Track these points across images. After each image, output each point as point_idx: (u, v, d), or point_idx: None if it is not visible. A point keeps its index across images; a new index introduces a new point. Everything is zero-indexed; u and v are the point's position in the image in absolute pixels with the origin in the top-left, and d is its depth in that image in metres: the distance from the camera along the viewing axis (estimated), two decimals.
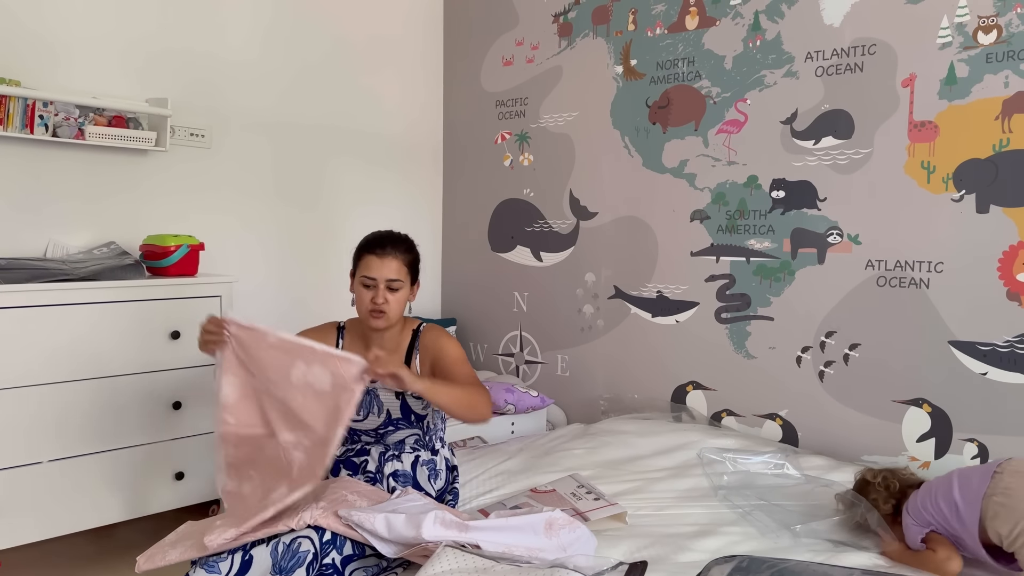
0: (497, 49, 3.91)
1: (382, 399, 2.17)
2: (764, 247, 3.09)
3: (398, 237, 2.21)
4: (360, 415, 2.16)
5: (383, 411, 2.16)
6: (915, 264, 2.75)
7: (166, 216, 3.13)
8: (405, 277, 2.16)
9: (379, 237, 2.19)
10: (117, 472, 2.64)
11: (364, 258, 2.16)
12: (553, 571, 1.53)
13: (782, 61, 3.02)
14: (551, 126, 3.73)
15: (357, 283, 2.17)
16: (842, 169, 2.89)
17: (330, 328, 2.30)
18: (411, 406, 2.18)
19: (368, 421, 2.17)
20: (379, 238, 2.18)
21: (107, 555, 2.82)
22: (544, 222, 3.77)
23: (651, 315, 3.43)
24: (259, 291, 3.44)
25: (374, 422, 2.17)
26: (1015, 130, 2.55)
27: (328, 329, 2.29)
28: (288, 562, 1.74)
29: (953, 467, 2.67)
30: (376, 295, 2.12)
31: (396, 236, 2.21)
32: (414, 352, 2.24)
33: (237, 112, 3.34)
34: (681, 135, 3.29)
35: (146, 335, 2.69)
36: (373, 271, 2.12)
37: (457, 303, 4.14)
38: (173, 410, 2.76)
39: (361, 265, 2.16)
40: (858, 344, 2.88)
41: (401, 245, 2.18)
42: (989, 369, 2.62)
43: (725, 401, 3.23)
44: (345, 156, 3.74)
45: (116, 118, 2.90)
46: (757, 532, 2.08)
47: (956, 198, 2.66)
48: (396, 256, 2.15)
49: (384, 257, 2.13)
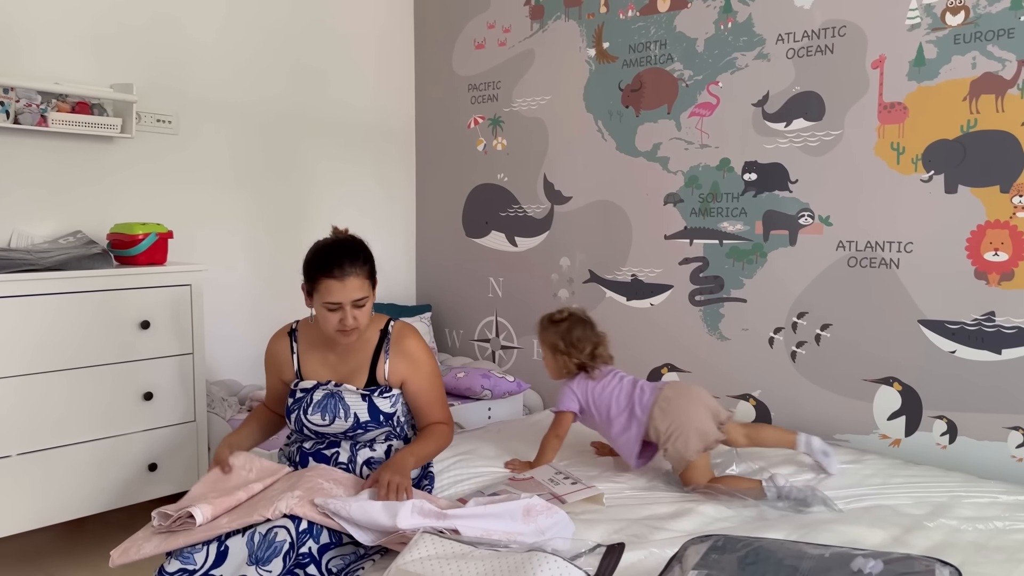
0: (469, 32, 3.88)
1: (348, 402, 2.07)
2: (737, 229, 3.10)
3: (352, 249, 2.02)
4: (325, 420, 2.07)
5: (350, 415, 2.06)
6: (885, 245, 2.78)
7: (134, 204, 3.08)
8: (369, 289, 2.03)
9: (334, 257, 1.98)
10: (89, 465, 2.61)
11: (322, 282, 1.97)
12: (532, 554, 1.54)
13: (753, 43, 3.02)
14: (524, 110, 3.71)
15: (318, 305, 2.00)
16: (813, 151, 2.91)
17: (283, 337, 2.20)
18: (379, 407, 2.09)
19: (335, 425, 2.07)
20: (335, 259, 1.98)
21: (79, 548, 2.79)
22: (518, 207, 3.76)
23: (626, 299, 3.44)
24: (230, 279, 3.41)
25: (341, 426, 2.07)
26: (983, 111, 2.58)
27: (281, 339, 2.20)
28: (265, 552, 1.72)
29: (924, 445, 2.72)
30: (344, 318, 1.98)
31: (350, 249, 2.02)
32: (382, 354, 2.13)
33: (205, 98, 3.29)
34: (654, 118, 3.30)
35: (115, 325, 2.65)
36: (336, 296, 1.96)
37: (432, 289, 4.12)
38: (144, 401, 2.72)
39: (320, 290, 1.98)
40: (829, 324, 2.91)
41: (358, 258, 2.00)
42: (958, 347, 2.66)
43: (700, 382, 3.23)
44: (317, 142, 3.70)
45: (80, 104, 2.84)
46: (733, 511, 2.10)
47: (925, 179, 2.69)
48: (356, 274, 1.98)
49: (345, 279, 1.96)
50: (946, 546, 1.89)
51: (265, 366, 2.26)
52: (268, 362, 2.24)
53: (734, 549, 1.57)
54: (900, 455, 2.72)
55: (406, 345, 2.16)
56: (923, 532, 1.98)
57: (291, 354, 2.17)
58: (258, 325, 3.38)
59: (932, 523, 2.03)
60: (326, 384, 2.12)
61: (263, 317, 3.40)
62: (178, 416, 2.83)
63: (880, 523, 2.02)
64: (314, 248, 2.07)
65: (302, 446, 2.15)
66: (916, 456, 2.70)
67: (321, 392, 2.10)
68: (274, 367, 2.22)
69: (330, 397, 2.08)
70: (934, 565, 1.50)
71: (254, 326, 3.41)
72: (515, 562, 1.54)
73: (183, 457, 2.85)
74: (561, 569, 1.50)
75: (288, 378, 2.18)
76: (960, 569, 1.52)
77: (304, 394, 2.11)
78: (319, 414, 2.07)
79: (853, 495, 2.23)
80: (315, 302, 2.03)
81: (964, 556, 1.82)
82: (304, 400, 2.10)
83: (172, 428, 2.81)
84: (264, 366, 2.27)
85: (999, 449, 2.60)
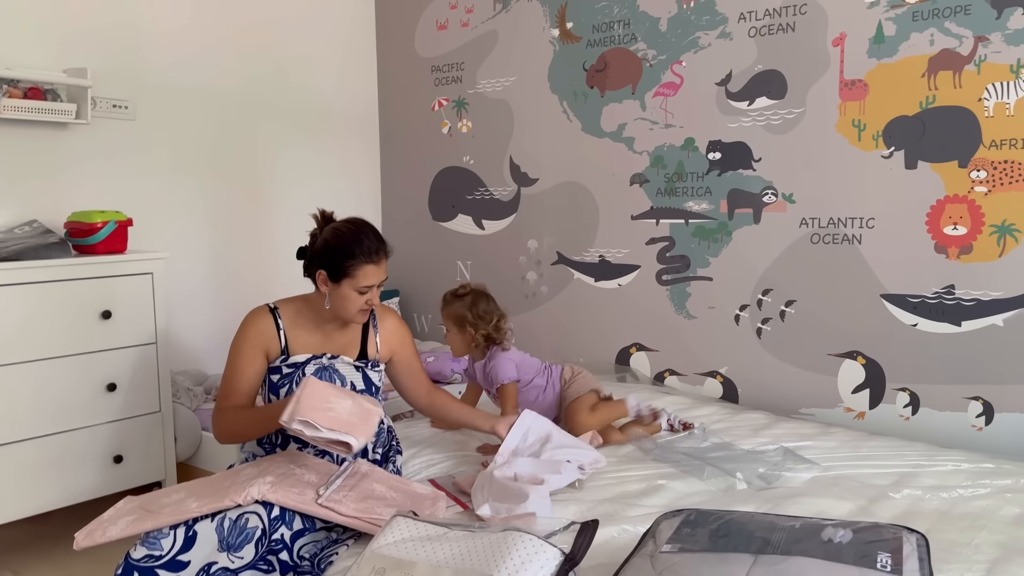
0: (431, 13, 3.84)
1: (343, 373, 2.12)
2: (702, 208, 3.12)
3: (379, 233, 2.12)
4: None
5: (346, 384, 2.11)
6: (847, 221, 2.82)
7: (91, 192, 3.01)
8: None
9: (370, 243, 2.06)
10: (52, 458, 2.56)
11: (361, 268, 2.04)
12: (506, 534, 1.54)
13: (716, 22, 3.03)
14: (488, 92, 3.69)
15: (347, 289, 2.05)
16: (776, 129, 2.93)
17: (265, 314, 2.13)
18: (371, 379, 2.17)
19: None
20: (371, 244, 2.06)
21: (44, 543, 2.74)
22: (485, 190, 3.75)
23: (594, 280, 3.45)
24: (192, 266, 3.35)
25: None
26: (941, 87, 2.61)
27: (264, 316, 2.13)
28: (236, 538, 1.70)
29: (888, 417, 2.78)
30: (372, 297, 2.07)
31: (377, 233, 2.11)
32: (371, 329, 2.21)
33: (162, 82, 3.21)
34: (619, 99, 3.29)
35: (75, 316, 2.59)
36: (372, 279, 2.05)
37: (400, 274, 4.09)
38: (108, 392, 2.67)
39: (359, 275, 2.04)
40: (794, 301, 2.95)
41: (384, 242, 2.11)
42: (919, 320, 2.71)
43: (668, 361, 3.28)
44: (278, 126, 3.65)
45: (32, 90, 2.76)
46: (705, 485, 2.12)
47: (886, 155, 2.73)
48: (386, 256, 2.10)
49: (380, 262, 2.07)
50: (911, 514, 1.94)
51: (241, 345, 2.09)
52: (249, 339, 2.10)
53: (706, 523, 1.59)
54: (865, 427, 2.78)
55: (390, 322, 2.27)
56: (889, 502, 2.02)
57: (277, 330, 2.12)
58: (223, 312, 3.34)
59: (897, 493, 2.08)
60: (319, 357, 2.12)
61: (227, 304, 3.35)
62: (143, 407, 2.78)
63: (847, 494, 2.06)
64: (341, 235, 2.06)
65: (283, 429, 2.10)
66: (880, 428, 2.75)
67: (314, 365, 2.10)
68: (259, 342, 2.10)
69: (323, 370, 2.09)
70: (901, 532, 1.52)
71: (218, 313, 3.36)
72: (490, 542, 1.54)
73: (149, 448, 2.81)
74: (535, 547, 1.50)
75: (274, 355, 2.12)
76: (927, 536, 1.55)
77: (294, 369, 2.09)
78: None
79: (821, 467, 2.27)
80: (344, 286, 2.04)
81: (929, 524, 1.86)
82: (295, 374, 2.08)
83: (137, 419, 2.77)
84: (237, 350, 2.10)
85: (960, 419, 2.66)
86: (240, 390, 2.08)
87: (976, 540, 1.79)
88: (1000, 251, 2.55)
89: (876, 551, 1.43)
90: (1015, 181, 2.51)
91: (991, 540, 1.79)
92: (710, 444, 2.45)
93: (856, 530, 1.51)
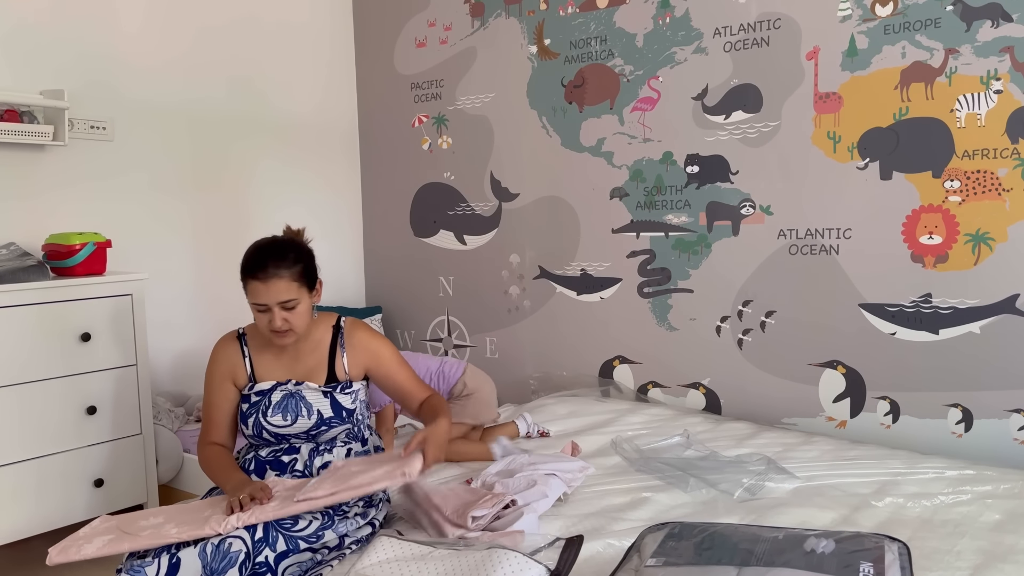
0: (409, 31, 3.86)
1: (309, 400, 2.05)
2: (681, 221, 3.15)
3: (280, 250, 1.99)
4: (287, 420, 2.03)
5: (313, 412, 2.04)
6: (825, 232, 2.85)
7: (69, 214, 2.99)
8: (298, 291, 1.97)
9: (259, 258, 1.96)
10: (31, 483, 2.53)
11: (248, 284, 1.96)
12: (491, 552, 1.54)
13: (691, 38, 3.07)
14: (468, 108, 3.71)
15: (250, 306, 1.99)
16: (752, 142, 2.97)
17: (231, 341, 2.13)
18: (341, 403, 2.07)
19: (298, 424, 2.04)
20: (259, 259, 1.96)
21: (23, 569, 2.70)
22: (466, 205, 3.76)
23: (576, 293, 3.46)
24: (173, 287, 3.33)
25: (304, 424, 2.04)
26: (913, 98, 2.66)
27: (230, 343, 2.13)
28: (220, 563, 1.69)
29: (869, 426, 2.80)
30: (272, 319, 1.96)
31: (278, 250, 1.99)
32: (338, 349, 2.12)
33: (140, 102, 3.20)
34: (597, 114, 3.32)
35: (54, 339, 2.57)
36: (260, 297, 1.94)
37: (382, 291, 4.09)
38: (88, 415, 2.65)
39: (248, 291, 1.96)
40: (774, 311, 2.97)
41: (286, 259, 1.97)
42: (897, 329, 2.74)
43: (651, 373, 3.29)
44: (258, 144, 3.64)
45: (8, 112, 2.74)
46: (689, 498, 2.13)
47: (861, 166, 2.77)
48: (280, 276, 1.94)
49: (268, 280, 1.93)
50: (894, 522, 1.95)
51: (211, 376, 2.12)
52: (217, 368, 2.12)
53: (690, 535, 1.60)
54: (846, 436, 2.80)
55: (359, 337, 2.15)
56: (871, 510, 2.04)
57: (243, 357, 2.11)
58: (203, 333, 3.31)
59: (880, 501, 2.09)
60: (285, 384, 2.08)
61: (208, 325, 3.33)
62: (124, 429, 2.75)
63: (830, 503, 2.07)
64: (248, 249, 2.05)
65: (257, 455, 2.08)
66: (862, 436, 2.78)
67: (280, 393, 2.05)
68: (226, 371, 2.11)
69: (290, 397, 2.05)
70: (883, 541, 1.54)
71: (199, 335, 3.34)
72: (475, 560, 1.54)
73: (130, 471, 2.78)
74: (521, 565, 1.50)
75: (241, 383, 2.12)
76: (908, 544, 1.57)
77: (261, 397, 2.06)
78: (280, 415, 2.03)
79: (802, 478, 2.28)
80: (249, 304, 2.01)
81: (912, 531, 1.88)
82: (261, 403, 2.05)
83: (118, 442, 2.74)
84: (208, 380, 2.12)
85: (940, 426, 2.68)
86: (216, 420, 2.10)
87: (958, 547, 1.80)
88: (975, 259, 2.59)
89: (858, 560, 1.45)
90: (988, 191, 2.55)
91: (972, 546, 1.81)
92: (693, 453, 2.46)
93: (839, 540, 1.52)
